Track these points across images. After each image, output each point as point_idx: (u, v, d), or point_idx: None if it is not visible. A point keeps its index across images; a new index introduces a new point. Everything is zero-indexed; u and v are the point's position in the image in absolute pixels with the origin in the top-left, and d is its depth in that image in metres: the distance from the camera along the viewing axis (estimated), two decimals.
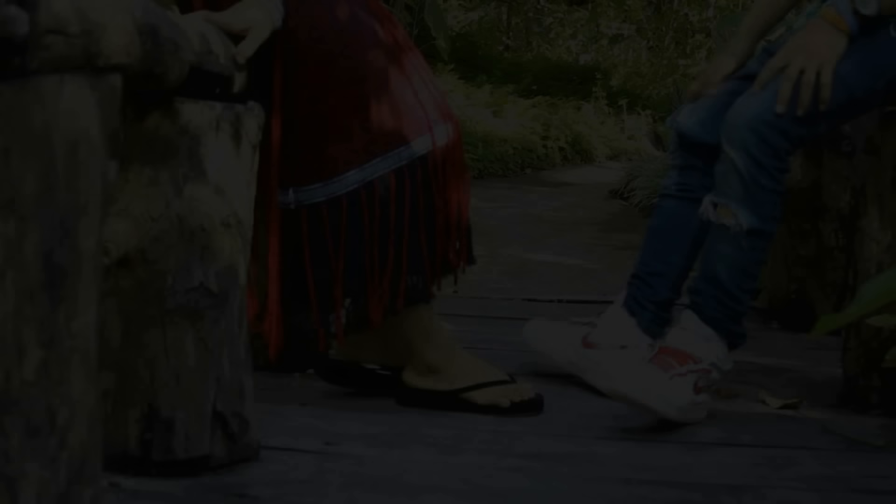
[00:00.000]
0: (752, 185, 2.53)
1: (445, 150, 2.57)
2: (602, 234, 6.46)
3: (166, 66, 1.66)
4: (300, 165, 2.46)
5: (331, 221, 2.47)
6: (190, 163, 1.86)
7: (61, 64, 1.23)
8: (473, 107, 10.12)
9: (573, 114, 11.20)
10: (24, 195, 1.09)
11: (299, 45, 2.39)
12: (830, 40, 2.54)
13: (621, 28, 16.38)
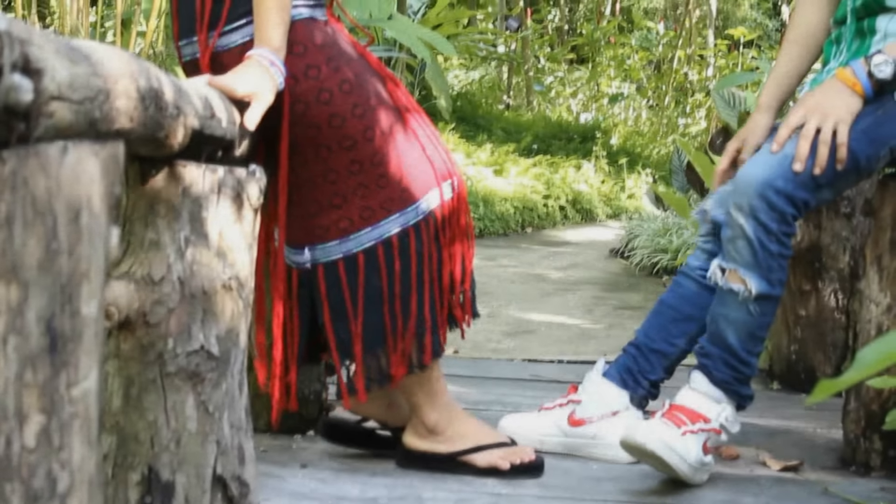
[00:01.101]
0: (760, 251, 2.54)
1: (451, 204, 2.60)
2: (602, 294, 6.46)
3: (169, 131, 1.67)
4: (315, 224, 2.48)
5: (348, 278, 2.49)
6: (192, 226, 1.86)
7: (65, 130, 1.24)
8: (474, 166, 10.16)
9: (574, 173, 11.24)
10: (26, 262, 1.10)
11: (309, 108, 2.42)
12: (846, 100, 2.56)
13: (621, 87, 16.45)
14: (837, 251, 3.55)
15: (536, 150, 11.99)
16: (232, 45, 2.42)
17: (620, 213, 10.89)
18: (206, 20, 2.43)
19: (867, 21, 2.69)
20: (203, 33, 2.44)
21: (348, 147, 2.46)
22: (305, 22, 2.46)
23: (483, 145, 11.13)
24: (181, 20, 2.49)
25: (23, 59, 1.12)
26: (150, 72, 1.57)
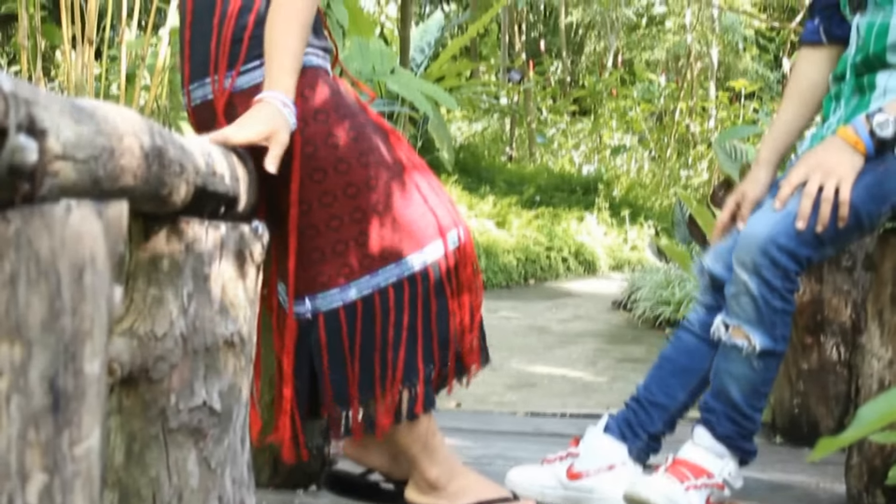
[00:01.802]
0: (764, 308, 2.55)
1: (457, 253, 2.61)
2: (605, 346, 6.46)
3: (172, 188, 1.68)
4: (317, 272, 2.49)
5: (348, 326, 2.50)
6: (195, 282, 1.87)
7: (69, 189, 1.25)
8: (477, 218, 10.19)
9: (576, 224, 11.25)
10: (30, 321, 1.10)
11: (317, 152, 2.44)
12: (849, 158, 2.57)
13: (624, 139, 16.51)
14: (839, 304, 3.56)
15: (539, 201, 12.02)
16: (245, 86, 2.44)
17: (623, 264, 10.90)
18: (225, 60, 2.45)
19: (867, 77, 2.71)
20: (220, 74, 2.45)
21: (352, 195, 2.47)
22: (316, 70, 2.49)
23: (486, 197, 11.16)
24: (193, 62, 2.51)
25: (28, 120, 1.13)
26: (154, 129, 1.58)
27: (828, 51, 2.92)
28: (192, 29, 2.52)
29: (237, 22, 2.44)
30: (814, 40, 2.95)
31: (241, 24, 2.44)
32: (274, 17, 2.37)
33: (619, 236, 11.66)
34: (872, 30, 2.69)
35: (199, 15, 2.51)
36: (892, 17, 2.66)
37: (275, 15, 2.37)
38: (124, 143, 1.42)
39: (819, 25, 2.93)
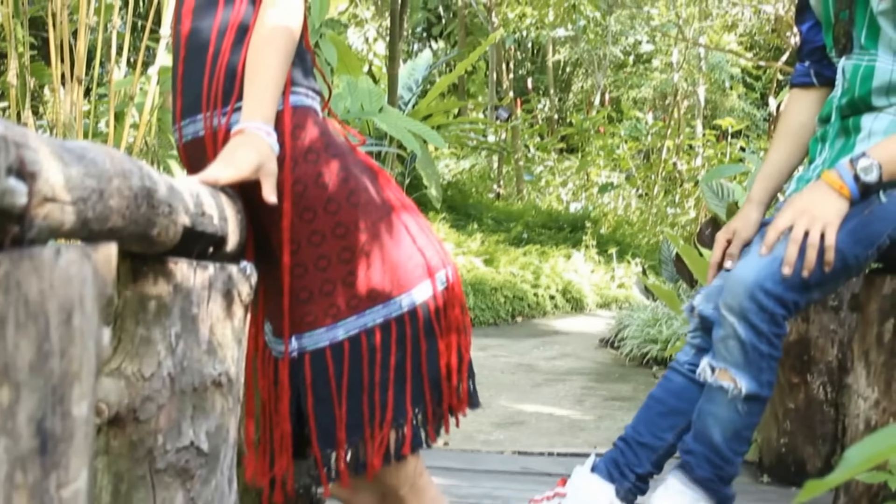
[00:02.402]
0: (751, 352, 2.56)
1: (446, 293, 2.61)
2: (593, 385, 6.46)
3: (161, 228, 1.69)
4: (305, 312, 2.49)
5: (334, 366, 2.49)
6: (182, 323, 1.87)
7: (58, 231, 1.25)
8: (465, 255, 10.19)
9: (563, 262, 11.27)
10: (18, 363, 1.10)
11: (308, 189, 2.44)
12: (834, 203, 2.58)
13: (611, 176, 16.55)
14: (825, 344, 3.57)
15: (526, 239, 12.04)
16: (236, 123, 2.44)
17: (610, 302, 10.91)
18: (219, 97, 2.45)
19: (852, 119, 2.73)
20: (212, 111, 2.46)
21: (341, 235, 2.48)
22: (306, 109, 2.50)
23: (473, 235, 11.17)
24: (185, 98, 2.51)
25: (18, 163, 1.13)
26: (143, 170, 1.59)
27: (818, 92, 2.94)
28: (185, 64, 2.53)
29: (231, 58, 2.45)
30: (804, 82, 2.98)
31: (235, 60, 2.45)
32: (255, 45, 2.39)
33: (607, 274, 11.67)
34: (858, 72, 2.71)
35: (193, 50, 2.51)
36: (877, 60, 2.68)
37: (255, 43, 2.39)
38: (113, 184, 1.42)
39: (809, 68, 2.96)
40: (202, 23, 2.51)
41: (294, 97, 2.45)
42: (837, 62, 2.82)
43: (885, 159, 2.58)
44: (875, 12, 2.67)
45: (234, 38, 2.47)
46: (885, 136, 2.66)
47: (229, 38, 2.47)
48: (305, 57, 2.59)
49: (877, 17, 2.67)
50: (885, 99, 2.68)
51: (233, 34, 2.47)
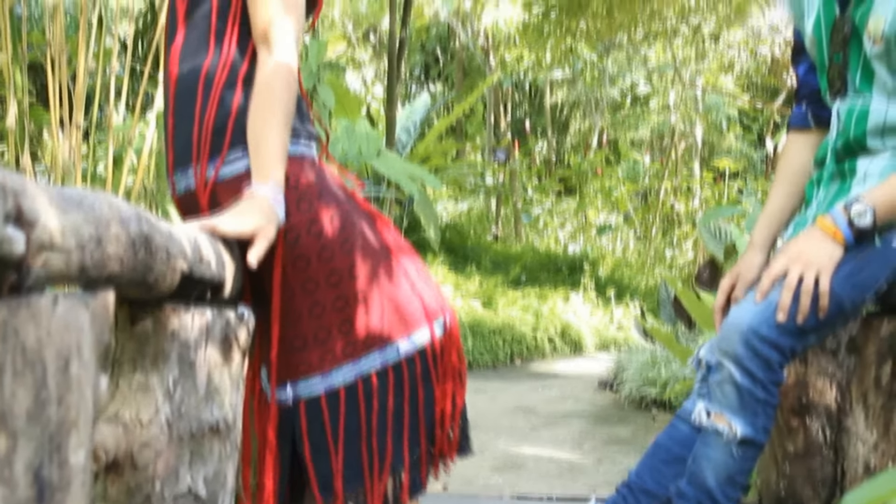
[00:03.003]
0: (747, 396, 2.56)
1: (443, 341, 2.61)
2: (592, 427, 6.44)
3: (158, 274, 1.69)
4: (299, 360, 2.48)
5: (330, 414, 2.48)
6: (180, 368, 1.87)
7: (55, 278, 1.25)
8: (463, 297, 10.19)
9: (562, 304, 11.26)
10: (15, 411, 1.10)
11: (300, 240, 2.44)
12: (828, 249, 2.59)
13: (609, 218, 16.57)
14: (824, 387, 3.56)
15: (525, 281, 12.04)
16: (228, 176, 2.44)
17: (609, 344, 10.89)
18: (207, 150, 2.46)
19: (847, 162, 2.74)
20: (203, 164, 2.46)
21: (335, 283, 2.48)
22: (300, 157, 2.50)
23: (471, 277, 11.17)
24: (177, 152, 2.52)
25: (16, 211, 1.14)
26: (141, 216, 1.59)
27: (816, 135, 2.96)
28: (175, 118, 2.53)
29: (219, 111, 2.46)
30: (801, 125, 2.99)
31: (224, 114, 2.45)
32: (256, 107, 2.39)
33: (605, 316, 11.66)
34: (852, 115, 2.72)
35: (182, 103, 2.52)
36: (871, 101, 2.70)
37: (256, 106, 2.39)
38: (111, 230, 1.43)
39: (807, 110, 2.97)
40: (190, 71, 2.51)
41: (289, 146, 2.46)
42: (832, 105, 2.83)
43: (879, 203, 2.58)
44: (869, 55, 2.68)
45: (222, 88, 2.47)
46: (881, 179, 2.66)
47: (217, 88, 2.47)
48: (300, 102, 2.59)
49: (871, 60, 2.69)
50: (880, 141, 2.69)
51: (221, 83, 2.47)
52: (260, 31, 2.42)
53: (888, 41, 2.63)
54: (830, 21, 2.77)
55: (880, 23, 2.63)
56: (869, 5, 2.66)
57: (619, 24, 11.75)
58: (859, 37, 2.70)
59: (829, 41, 2.78)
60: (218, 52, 2.48)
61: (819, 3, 2.81)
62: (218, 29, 2.48)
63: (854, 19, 2.70)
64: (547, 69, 17.36)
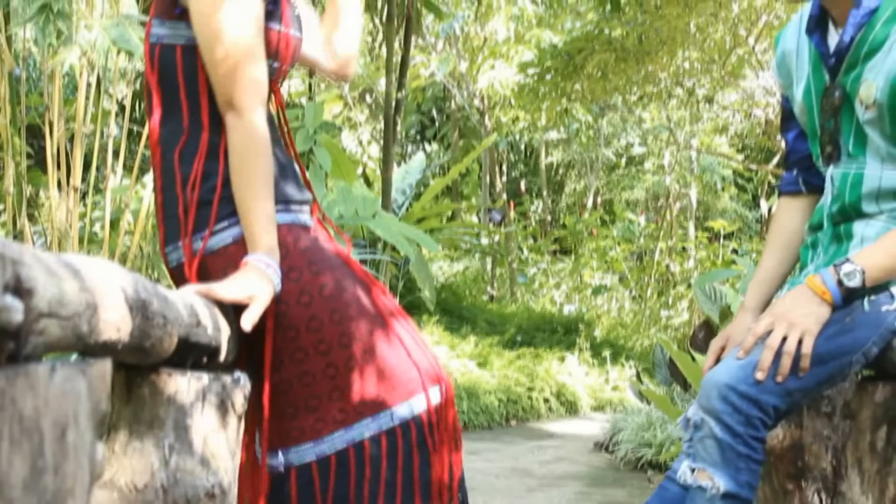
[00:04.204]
0: (728, 451, 2.56)
1: (439, 409, 2.60)
2: (587, 490, 6.41)
3: (155, 340, 1.70)
4: (291, 426, 2.48)
5: (321, 481, 2.48)
6: (176, 433, 1.88)
7: (53, 345, 1.26)
8: (458, 358, 10.17)
9: (558, 365, 11.24)
10: (11, 480, 1.10)
11: (289, 309, 2.46)
12: (813, 309, 2.60)
13: (604, 278, 16.58)
14: (819, 450, 3.55)
15: (520, 341, 12.02)
16: (216, 247, 2.46)
17: (605, 405, 10.86)
18: (191, 226, 2.48)
19: (843, 226, 2.76)
20: (189, 238, 2.48)
21: (324, 352, 2.49)
22: (289, 226, 2.52)
23: (467, 337, 11.15)
24: (167, 226, 2.53)
25: (14, 280, 1.15)
26: (138, 282, 1.60)
27: (807, 200, 2.98)
28: (163, 194, 2.55)
29: (203, 185, 2.48)
30: (792, 190, 3.02)
31: (208, 187, 2.47)
32: (234, 178, 2.41)
33: (601, 376, 11.64)
34: (847, 180, 2.75)
35: (167, 179, 2.54)
36: (865, 166, 2.72)
37: (234, 176, 2.41)
38: (108, 297, 1.44)
39: (797, 176, 3.00)
40: (169, 147, 2.53)
41: (278, 215, 2.48)
42: (825, 170, 2.85)
43: (869, 265, 2.60)
44: (861, 121, 2.71)
45: (203, 168, 2.49)
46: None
47: (199, 163, 2.49)
48: (290, 168, 2.61)
49: (863, 125, 2.71)
50: (875, 205, 2.71)
51: (202, 157, 2.49)
52: (223, 99, 2.44)
53: (880, 107, 2.66)
54: (821, 88, 2.80)
55: (872, 89, 2.66)
56: (860, 72, 2.70)
57: (613, 86, 11.83)
58: (851, 103, 2.73)
59: (819, 108, 2.81)
60: (194, 127, 2.50)
61: (808, 70, 2.84)
62: (190, 104, 2.50)
63: (845, 86, 2.73)
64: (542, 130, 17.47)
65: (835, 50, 2.76)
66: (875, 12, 2.69)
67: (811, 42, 2.84)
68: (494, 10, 15.92)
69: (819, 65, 2.81)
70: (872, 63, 2.68)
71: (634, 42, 10.96)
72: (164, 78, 2.53)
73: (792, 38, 2.94)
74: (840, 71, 2.75)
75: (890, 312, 2.64)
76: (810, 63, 2.85)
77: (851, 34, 2.72)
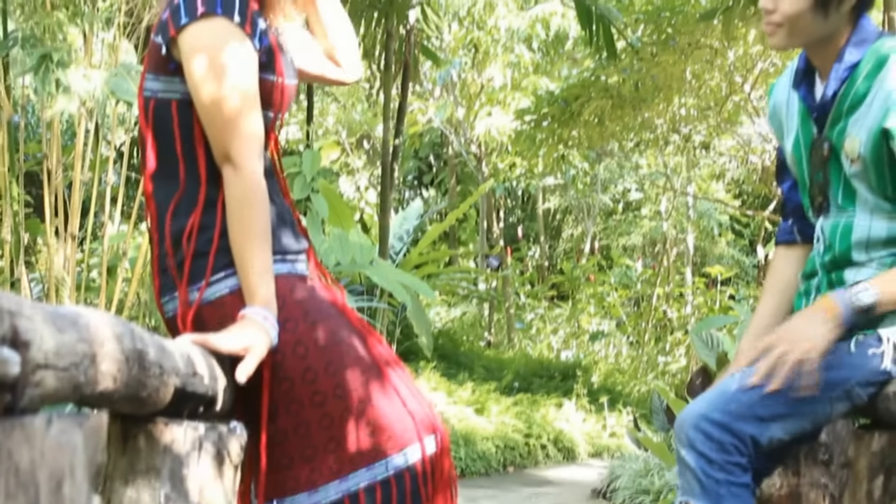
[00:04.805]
0: (706, 480, 2.59)
1: (434, 458, 2.60)
2: None
3: (151, 390, 1.70)
4: (286, 477, 2.48)
5: None
6: (172, 483, 1.87)
7: (50, 397, 1.26)
8: (455, 405, 10.14)
9: (555, 411, 11.21)
10: None
11: (285, 360, 2.46)
12: (819, 330, 2.62)
13: (602, 324, 16.56)
14: (817, 498, 3.54)
15: (518, 387, 11.99)
16: (212, 297, 2.47)
17: (602, 451, 10.83)
18: (187, 277, 2.48)
19: (835, 274, 2.78)
20: (184, 289, 2.49)
21: (319, 403, 2.49)
22: (285, 277, 2.52)
23: (464, 384, 11.12)
24: (162, 278, 2.54)
25: (12, 332, 1.15)
26: (135, 333, 1.61)
27: (802, 249, 3.00)
28: (159, 246, 2.56)
29: (200, 237, 2.48)
30: (788, 240, 3.04)
31: (206, 239, 2.48)
32: (231, 231, 2.42)
33: (598, 423, 11.61)
34: (837, 230, 2.77)
35: (162, 233, 2.54)
36: (855, 217, 2.74)
37: (232, 229, 2.42)
38: (105, 348, 1.44)
39: (793, 225, 3.02)
40: (165, 198, 2.53)
41: (274, 265, 2.48)
42: (815, 221, 2.87)
43: (883, 288, 2.63)
44: (848, 175, 2.74)
45: (200, 221, 2.49)
46: None
47: (195, 220, 2.49)
48: (287, 217, 2.62)
49: (850, 178, 2.74)
50: (866, 254, 2.73)
51: (199, 210, 2.50)
52: (220, 152, 2.45)
53: (864, 161, 2.68)
54: (809, 141, 2.83)
55: (855, 144, 2.69)
56: (844, 126, 2.72)
57: (610, 132, 11.87)
58: (838, 155, 2.75)
59: (809, 160, 2.83)
60: (190, 178, 2.51)
61: (797, 123, 2.87)
62: (186, 158, 2.51)
63: (831, 139, 2.76)
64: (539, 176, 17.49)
65: (819, 103, 2.79)
66: (856, 66, 2.72)
67: (798, 95, 2.86)
68: (491, 57, 15.97)
69: (807, 118, 2.84)
70: (855, 117, 2.70)
71: (631, 89, 11.01)
72: (159, 132, 2.53)
73: (783, 90, 2.96)
74: (826, 124, 2.78)
75: (877, 356, 2.66)
76: (799, 116, 2.87)
77: (834, 88, 2.74)
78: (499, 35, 15.49)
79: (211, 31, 2.45)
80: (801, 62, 2.86)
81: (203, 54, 2.43)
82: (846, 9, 2.72)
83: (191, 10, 2.45)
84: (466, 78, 16.47)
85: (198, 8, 2.45)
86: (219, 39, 2.44)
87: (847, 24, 2.74)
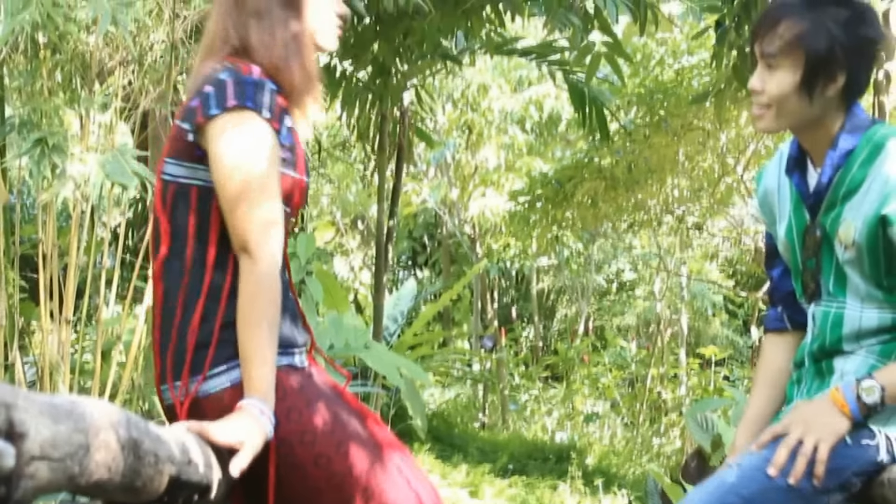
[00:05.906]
0: None
1: None
2: None
3: (146, 479, 1.70)
4: None
5: None
6: None
7: (44, 488, 1.26)
8: (450, 487, 10.08)
9: (550, 493, 11.14)
10: None
11: (293, 449, 2.46)
12: (833, 420, 2.62)
13: (596, 404, 16.50)
14: None
15: (512, 469, 11.92)
16: (212, 390, 2.47)
17: None
18: (187, 369, 2.48)
19: (825, 363, 2.79)
20: (185, 380, 2.49)
21: (337, 485, 2.48)
22: (285, 369, 2.53)
23: (458, 466, 11.06)
24: (163, 365, 2.54)
25: (7, 424, 1.15)
26: (130, 421, 1.61)
27: (793, 336, 3.00)
28: (161, 332, 2.56)
29: (201, 327, 2.49)
30: (778, 327, 3.04)
31: (207, 330, 2.48)
32: (241, 322, 2.42)
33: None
34: (828, 319, 2.78)
35: (166, 318, 2.55)
36: (845, 307, 2.76)
37: (242, 320, 2.42)
38: (100, 437, 1.44)
39: (782, 313, 3.03)
40: (173, 286, 2.54)
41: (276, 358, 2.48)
42: (807, 307, 2.88)
43: (889, 383, 2.62)
44: (840, 261, 2.75)
45: (203, 311, 2.50)
46: (856, 375, 2.71)
47: (199, 306, 2.50)
48: (293, 310, 2.63)
49: (843, 265, 2.75)
50: (856, 344, 2.75)
51: (203, 300, 2.50)
52: (239, 243, 2.45)
53: (859, 248, 2.70)
54: (802, 227, 2.84)
55: (850, 230, 2.70)
56: (839, 212, 2.74)
57: (603, 213, 11.91)
58: (831, 242, 2.77)
59: (801, 246, 2.85)
60: (196, 267, 2.51)
61: (790, 209, 2.88)
62: (197, 245, 2.52)
63: (825, 225, 2.77)
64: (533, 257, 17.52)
65: (814, 190, 2.81)
66: (851, 153, 2.74)
67: (791, 182, 2.88)
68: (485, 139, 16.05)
69: (800, 204, 2.86)
70: (851, 204, 2.72)
71: (624, 170, 11.05)
72: (175, 217, 2.54)
73: (773, 176, 2.98)
74: (820, 211, 2.79)
75: (871, 447, 2.66)
76: (791, 202, 2.89)
77: (829, 175, 2.76)
78: (492, 117, 15.58)
79: (240, 123, 2.46)
80: (793, 149, 2.88)
81: (231, 145, 2.44)
82: (832, 94, 2.74)
83: (221, 101, 2.47)
84: (460, 159, 16.54)
85: (228, 100, 2.47)
86: (248, 132, 2.45)
87: (838, 110, 2.77)
